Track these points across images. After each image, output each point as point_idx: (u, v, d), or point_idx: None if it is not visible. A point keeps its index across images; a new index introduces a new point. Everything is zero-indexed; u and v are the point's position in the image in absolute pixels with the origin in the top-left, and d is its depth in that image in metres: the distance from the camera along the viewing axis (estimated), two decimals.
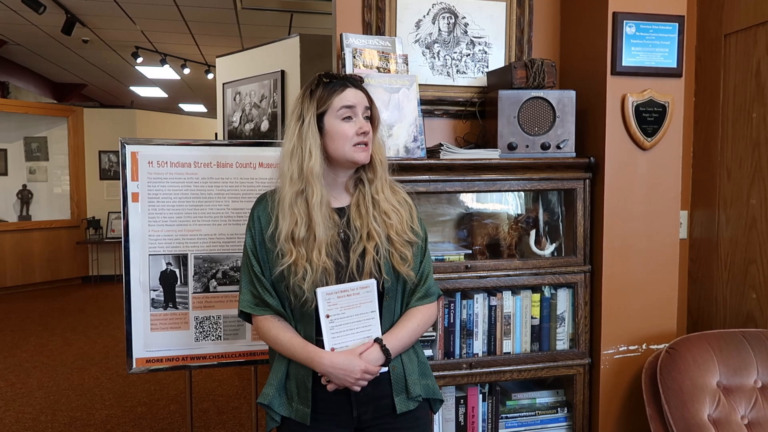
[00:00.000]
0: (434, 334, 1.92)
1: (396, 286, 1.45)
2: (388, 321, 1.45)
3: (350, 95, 1.41)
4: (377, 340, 1.40)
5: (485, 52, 2.19)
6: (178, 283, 2.03)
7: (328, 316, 1.38)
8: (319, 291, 1.37)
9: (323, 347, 1.39)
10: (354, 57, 1.91)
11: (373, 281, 1.39)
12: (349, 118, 1.40)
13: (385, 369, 1.42)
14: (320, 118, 1.40)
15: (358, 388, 1.38)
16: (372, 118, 1.46)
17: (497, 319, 1.97)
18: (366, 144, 1.41)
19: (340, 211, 1.45)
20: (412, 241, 1.46)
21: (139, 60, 7.29)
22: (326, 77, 1.43)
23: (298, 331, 1.44)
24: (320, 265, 1.36)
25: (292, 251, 1.37)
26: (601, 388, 2.02)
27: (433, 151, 1.95)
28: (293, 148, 1.40)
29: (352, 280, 1.40)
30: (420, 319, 1.47)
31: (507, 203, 2.21)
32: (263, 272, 1.44)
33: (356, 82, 1.45)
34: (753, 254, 2.04)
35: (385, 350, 1.39)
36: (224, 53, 4.89)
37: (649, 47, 1.96)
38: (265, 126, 4.41)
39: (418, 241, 1.48)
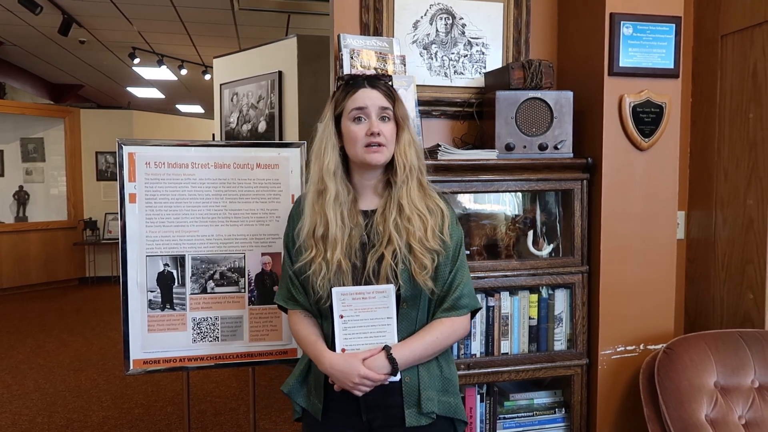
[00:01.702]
0: None
1: (416, 294, 1.40)
2: (406, 329, 1.41)
3: (362, 96, 1.39)
4: (385, 348, 1.37)
5: (483, 53, 2.19)
6: (176, 284, 2.02)
7: (341, 317, 1.38)
8: (335, 290, 1.37)
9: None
10: (351, 58, 1.91)
11: (391, 287, 1.36)
12: (360, 119, 1.39)
13: (396, 378, 1.37)
14: (338, 120, 1.42)
15: (358, 393, 1.36)
16: (396, 117, 1.42)
17: (495, 320, 1.97)
18: (379, 145, 1.38)
19: (367, 214, 1.44)
20: (436, 249, 1.39)
21: (136, 61, 7.27)
22: (343, 78, 1.44)
23: (323, 328, 1.46)
24: (335, 264, 1.36)
25: (312, 248, 1.40)
26: (598, 388, 2.02)
27: (430, 152, 1.95)
28: (317, 149, 1.44)
29: (368, 283, 1.38)
30: (441, 332, 1.41)
31: (504, 204, 2.21)
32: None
33: (374, 81, 1.42)
34: (750, 254, 2.05)
35: (391, 359, 1.35)
36: (221, 54, 4.89)
37: (647, 48, 1.96)
38: (262, 127, 4.41)
39: (444, 250, 1.41)
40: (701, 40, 2.23)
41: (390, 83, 1.46)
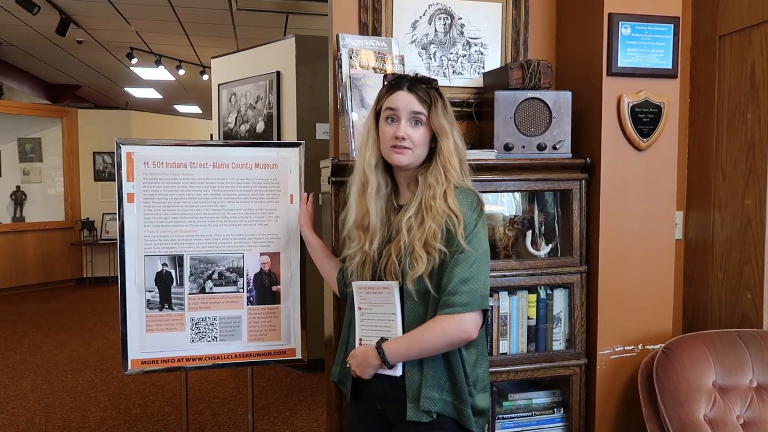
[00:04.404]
0: None
1: (420, 291, 1.39)
2: (413, 325, 1.40)
3: (396, 98, 1.43)
4: (380, 340, 1.41)
5: (481, 53, 2.19)
6: (174, 284, 2.02)
7: (360, 308, 1.47)
8: (354, 284, 1.47)
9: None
10: (350, 58, 1.91)
11: (394, 284, 1.41)
12: (392, 119, 1.44)
13: (396, 373, 1.40)
14: (378, 117, 1.48)
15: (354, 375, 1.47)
16: (430, 123, 1.43)
17: (494, 320, 1.97)
18: (404, 148, 1.41)
19: (399, 209, 1.49)
20: (436, 253, 1.36)
21: (134, 61, 7.26)
22: (387, 78, 1.48)
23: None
24: (370, 255, 1.45)
25: (360, 238, 1.47)
26: (597, 388, 2.02)
27: None
28: (361, 142, 1.51)
29: (381, 278, 1.44)
30: (429, 329, 1.36)
31: (503, 204, 2.21)
32: None
33: (415, 84, 1.44)
34: (748, 255, 2.05)
35: (380, 351, 1.39)
36: (219, 54, 4.88)
37: (645, 48, 1.97)
38: (260, 127, 4.40)
39: (450, 253, 1.36)
40: (699, 40, 2.23)
41: (432, 88, 1.45)
